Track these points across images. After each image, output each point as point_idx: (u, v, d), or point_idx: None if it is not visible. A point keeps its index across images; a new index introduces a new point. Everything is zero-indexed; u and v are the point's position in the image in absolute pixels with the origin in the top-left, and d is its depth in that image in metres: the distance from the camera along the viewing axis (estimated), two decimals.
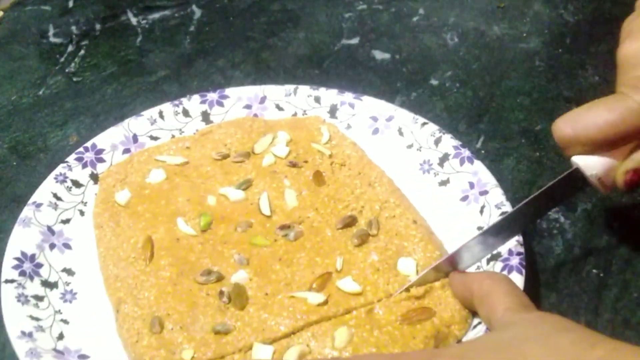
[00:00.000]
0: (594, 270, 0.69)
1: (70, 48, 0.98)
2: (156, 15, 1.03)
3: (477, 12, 1.02)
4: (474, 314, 0.61)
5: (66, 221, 0.70)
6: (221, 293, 0.62)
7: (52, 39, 1.00)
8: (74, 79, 0.93)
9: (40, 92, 0.91)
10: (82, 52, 0.97)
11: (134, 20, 1.02)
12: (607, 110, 0.57)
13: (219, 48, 0.97)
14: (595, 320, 0.65)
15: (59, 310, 0.63)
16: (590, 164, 0.60)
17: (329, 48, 0.97)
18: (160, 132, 0.77)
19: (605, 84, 0.88)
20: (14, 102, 0.90)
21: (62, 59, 0.96)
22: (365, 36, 0.98)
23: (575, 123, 0.58)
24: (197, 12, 1.03)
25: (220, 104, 0.79)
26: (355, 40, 0.98)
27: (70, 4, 1.06)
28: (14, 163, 0.81)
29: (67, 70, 0.94)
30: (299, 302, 0.61)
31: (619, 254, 0.71)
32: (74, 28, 1.01)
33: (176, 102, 0.79)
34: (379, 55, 0.95)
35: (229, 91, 0.80)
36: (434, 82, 0.90)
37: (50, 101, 0.89)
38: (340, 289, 0.62)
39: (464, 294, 0.61)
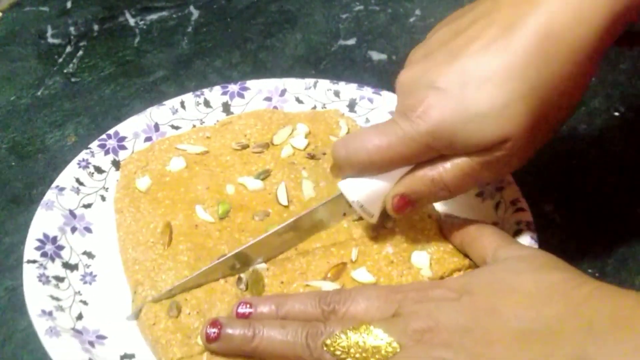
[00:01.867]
0: (590, 270, 0.70)
1: (68, 49, 0.99)
2: (154, 16, 1.04)
3: None
4: None
5: (88, 206, 0.71)
6: (239, 279, 0.63)
7: (51, 40, 1.01)
8: (72, 80, 0.94)
9: (39, 93, 0.92)
10: (81, 52, 0.98)
11: (131, 21, 1.03)
12: (377, 135, 0.59)
13: (217, 49, 0.98)
14: None
15: (79, 292, 0.64)
16: (354, 191, 0.62)
17: (326, 49, 0.98)
18: (181, 122, 0.78)
19: (600, 85, 0.89)
20: (12, 103, 0.90)
21: (61, 60, 0.97)
22: (362, 37, 0.99)
23: (348, 146, 0.61)
24: (195, 13, 1.04)
25: (241, 96, 0.81)
26: (352, 41, 0.99)
27: (69, 5, 1.07)
28: (13, 163, 0.82)
29: (65, 71, 0.95)
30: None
31: (614, 254, 0.71)
32: (72, 29, 1.02)
33: (198, 92, 0.80)
34: (375, 56, 0.96)
35: (249, 83, 0.81)
36: None
37: (48, 102, 0.90)
38: (355, 280, 0.63)
39: (454, 240, 0.65)
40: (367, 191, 0.62)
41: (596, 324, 0.47)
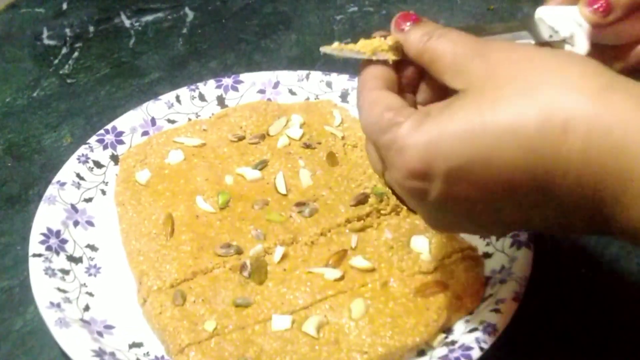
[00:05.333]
0: (583, 270, 0.69)
1: (64, 50, 0.99)
2: (149, 18, 1.04)
3: (468, 14, 1.03)
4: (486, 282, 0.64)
5: (89, 200, 0.72)
6: (244, 266, 0.64)
7: (46, 41, 1.01)
8: (68, 81, 0.94)
9: (35, 94, 0.92)
10: (76, 54, 0.98)
11: (127, 23, 1.03)
12: None
13: (212, 50, 0.98)
14: (584, 319, 0.65)
15: (84, 284, 0.65)
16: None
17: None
18: (177, 116, 0.80)
19: None
20: (8, 104, 0.90)
21: (56, 61, 0.97)
22: (356, 38, 1.00)
23: None
24: (190, 15, 1.05)
25: (235, 89, 0.82)
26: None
27: (64, 6, 1.07)
28: (9, 164, 0.82)
29: (61, 72, 0.95)
30: (316, 278, 0.63)
31: (608, 254, 0.70)
32: (67, 30, 1.02)
33: (192, 86, 0.81)
34: None
35: (243, 76, 0.83)
36: None
37: (44, 103, 0.90)
38: (354, 267, 0.64)
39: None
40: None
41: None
